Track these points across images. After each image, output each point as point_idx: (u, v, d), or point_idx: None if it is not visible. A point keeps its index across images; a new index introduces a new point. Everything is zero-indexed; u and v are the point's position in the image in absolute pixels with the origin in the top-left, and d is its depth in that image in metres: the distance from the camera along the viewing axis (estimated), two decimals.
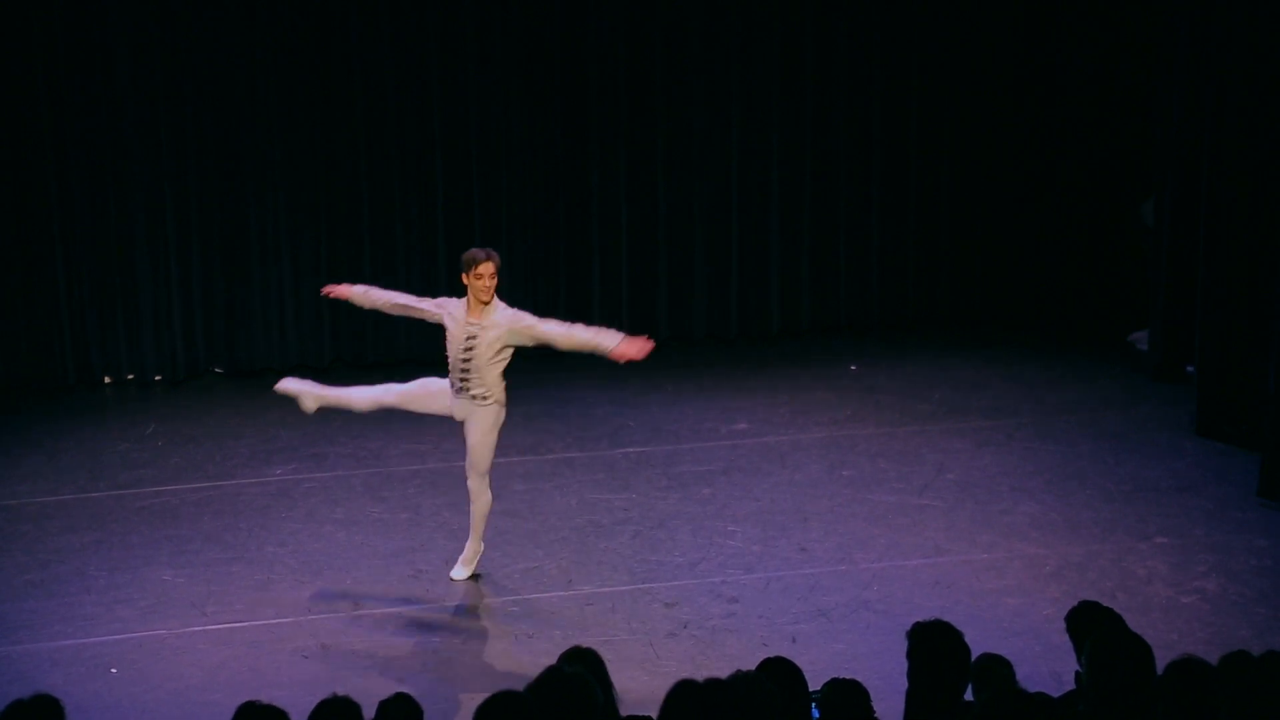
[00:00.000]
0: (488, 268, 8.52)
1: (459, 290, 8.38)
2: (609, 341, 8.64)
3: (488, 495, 8.87)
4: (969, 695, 5.47)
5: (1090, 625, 5.71)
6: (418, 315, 8.87)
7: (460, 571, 9.01)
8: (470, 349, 8.52)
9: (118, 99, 12.67)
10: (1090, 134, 14.35)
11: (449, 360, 8.65)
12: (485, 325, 8.52)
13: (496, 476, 9.63)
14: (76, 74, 12.57)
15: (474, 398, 8.62)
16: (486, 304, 8.54)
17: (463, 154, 13.39)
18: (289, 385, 8.98)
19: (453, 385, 8.67)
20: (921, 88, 14.11)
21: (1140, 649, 5.18)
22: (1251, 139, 10.83)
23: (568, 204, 13.67)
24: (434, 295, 13.24)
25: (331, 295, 9.04)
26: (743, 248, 14.07)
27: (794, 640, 8.16)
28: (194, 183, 12.94)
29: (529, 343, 8.66)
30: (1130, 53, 14.03)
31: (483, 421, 8.68)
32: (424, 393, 8.86)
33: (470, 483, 8.86)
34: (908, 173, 14.29)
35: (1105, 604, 6.07)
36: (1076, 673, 5.55)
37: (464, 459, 8.91)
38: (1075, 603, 6.05)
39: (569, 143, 13.59)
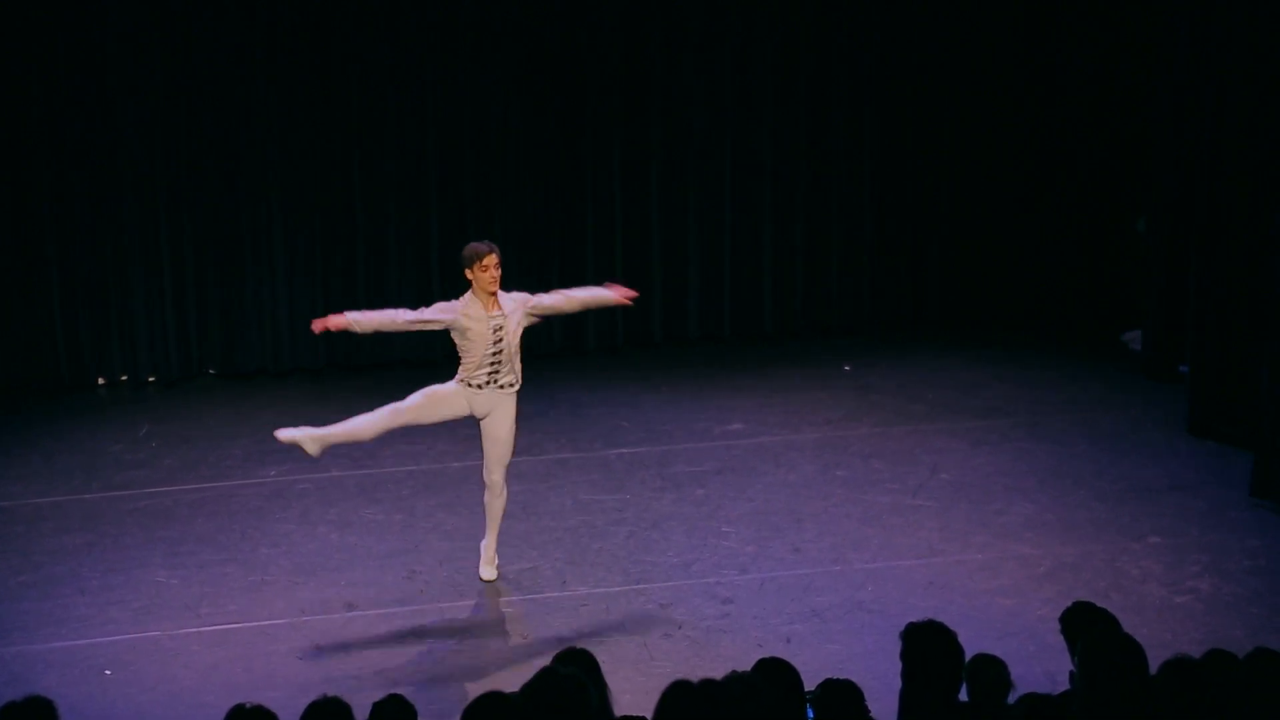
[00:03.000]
0: (493, 259, 8.55)
1: (453, 291, 8.25)
2: (605, 294, 8.93)
3: (507, 489, 8.87)
4: (963, 695, 5.48)
5: (1084, 626, 5.72)
6: (426, 326, 8.74)
7: (490, 572, 8.98)
8: (499, 339, 8.55)
9: (112, 101, 12.64)
10: (1085, 134, 14.35)
11: (472, 358, 8.59)
12: (506, 313, 8.60)
13: None
14: (71, 76, 12.54)
15: (502, 387, 8.63)
16: (494, 294, 8.58)
17: (457, 155, 13.38)
18: (287, 434, 8.78)
19: (476, 382, 8.60)
20: (916, 88, 14.11)
21: (1133, 650, 5.19)
22: (1248, 138, 10.84)
23: (562, 203, 13.66)
24: (428, 295, 13.39)
25: (325, 328, 8.73)
26: (737, 248, 14.07)
27: (788, 641, 8.16)
28: (188, 184, 12.92)
29: (538, 319, 8.84)
30: (1127, 52, 14.03)
31: (510, 411, 8.70)
32: (431, 401, 8.75)
33: (495, 478, 8.75)
34: (902, 173, 14.28)
35: (1099, 604, 6.07)
36: (1071, 673, 5.55)
37: (460, 460, 8.88)
38: (1069, 603, 6.05)
39: (564, 142, 13.58)
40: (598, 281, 13.51)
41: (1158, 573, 8.99)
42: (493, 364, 8.56)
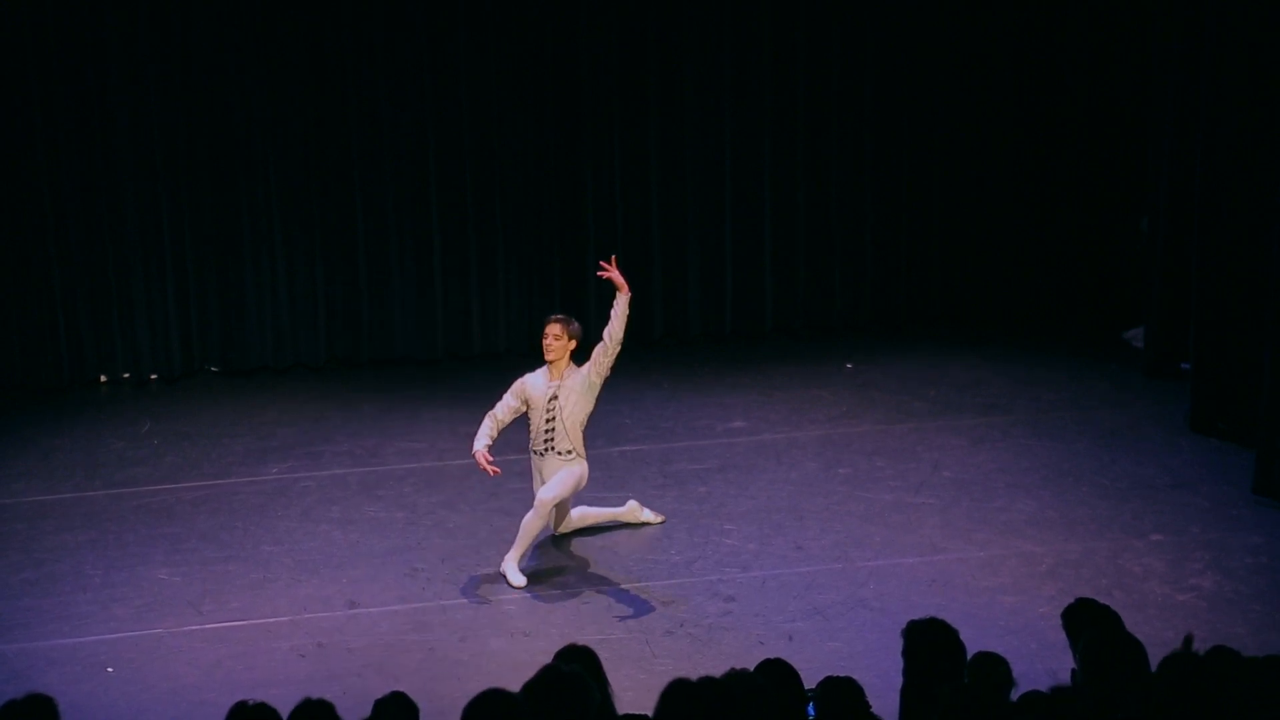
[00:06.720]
0: (548, 329, 9.14)
1: (453, 286, 8.38)
2: (623, 303, 9.07)
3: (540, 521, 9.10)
4: None
5: (1086, 623, 5.71)
6: (517, 412, 9.21)
7: (518, 578, 9.07)
8: (552, 411, 9.07)
9: (113, 99, 12.64)
10: (1085, 131, 14.35)
11: (531, 425, 9.16)
12: (567, 385, 9.08)
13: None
14: (69, 73, 12.54)
15: (560, 454, 9.11)
16: (553, 363, 9.10)
17: (457, 155, 13.37)
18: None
19: (535, 449, 9.18)
20: (914, 86, 14.10)
21: (1134, 647, 5.20)
22: (1246, 136, 10.84)
23: (562, 203, 13.65)
24: (429, 293, 13.43)
25: (479, 459, 9.01)
26: (736, 246, 14.06)
27: (790, 638, 8.16)
28: (188, 181, 12.92)
29: (606, 369, 9.14)
30: (1126, 50, 14.03)
31: (566, 468, 9.14)
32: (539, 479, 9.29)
33: (543, 498, 9.05)
34: (902, 171, 14.27)
35: (1101, 601, 6.07)
36: (1072, 670, 5.56)
37: (462, 458, 8.89)
38: (1071, 600, 6.05)
39: (564, 142, 13.57)
40: (596, 284, 13.67)
41: (1160, 570, 8.99)
42: (548, 432, 9.08)
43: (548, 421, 9.09)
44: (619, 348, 9.10)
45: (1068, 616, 5.88)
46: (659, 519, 9.78)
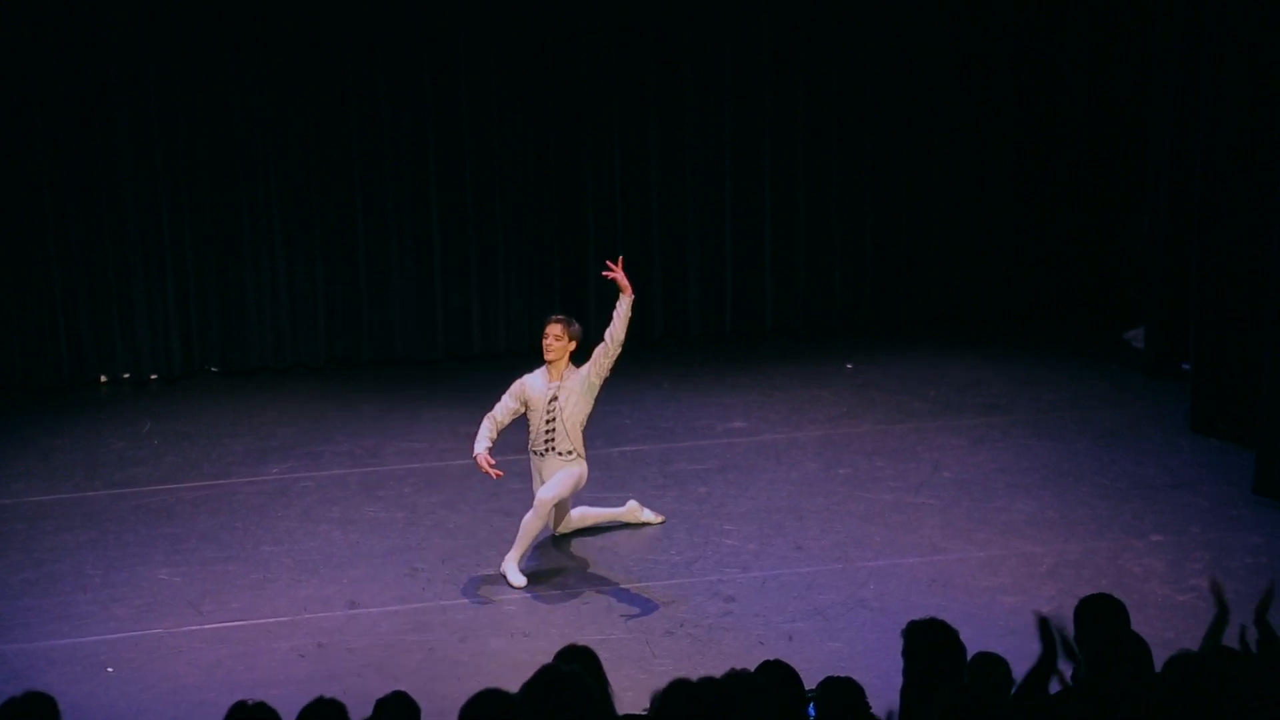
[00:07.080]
0: (548, 329, 9.16)
1: (453, 287, 8.43)
2: (625, 304, 9.12)
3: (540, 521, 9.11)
4: None
5: (1092, 620, 5.70)
6: (516, 413, 9.23)
7: (517, 578, 9.06)
8: (552, 412, 9.10)
9: (113, 99, 12.64)
10: (1085, 130, 14.34)
11: (531, 426, 9.18)
12: (566, 386, 9.10)
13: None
14: (69, 73, 12.53)
15: (561, 454, 9.13)
16: (552, 364, 9.13)
17: (457, 155, 13.36)
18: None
19: (535, 449, 9.20)
20: (914, 86, 14.09)
21: (1138, 646, 5.20)
22: (1246, 136, 10.83)
23: (562, 202, 13.65)
24: (429, 293, 13.41)
25: (481, 463, 9.00)
26: (736, 246, 14.05)
27: (790, 639, 8.16)
28: (188, 181, 12.91)
29: (605, 370, 9.17)
30: (1126, 50, 14.03)
31: (566, 468, 9.16)
32: (539, 479, 9.29)
33: (542, 497, 9.06)
34: (902, 171, 14.26)
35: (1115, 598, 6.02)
36: (1074, 669, 5.56)
37: (462, 458, 8.91)
38: (1071, 601, 6.03)
39: (564, 142, 13.56)
40: (597, 283, 13.68)
41: (1160, 570, 8.99)
42: (548, 432, 9.12)
43: (548, 422, 9.10)
44: (620, 349, 9.11)
45: (1079, 611, 5.84)
46: (659, 519, 9.79)
